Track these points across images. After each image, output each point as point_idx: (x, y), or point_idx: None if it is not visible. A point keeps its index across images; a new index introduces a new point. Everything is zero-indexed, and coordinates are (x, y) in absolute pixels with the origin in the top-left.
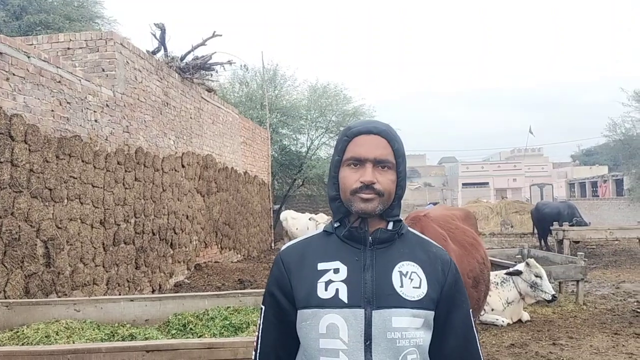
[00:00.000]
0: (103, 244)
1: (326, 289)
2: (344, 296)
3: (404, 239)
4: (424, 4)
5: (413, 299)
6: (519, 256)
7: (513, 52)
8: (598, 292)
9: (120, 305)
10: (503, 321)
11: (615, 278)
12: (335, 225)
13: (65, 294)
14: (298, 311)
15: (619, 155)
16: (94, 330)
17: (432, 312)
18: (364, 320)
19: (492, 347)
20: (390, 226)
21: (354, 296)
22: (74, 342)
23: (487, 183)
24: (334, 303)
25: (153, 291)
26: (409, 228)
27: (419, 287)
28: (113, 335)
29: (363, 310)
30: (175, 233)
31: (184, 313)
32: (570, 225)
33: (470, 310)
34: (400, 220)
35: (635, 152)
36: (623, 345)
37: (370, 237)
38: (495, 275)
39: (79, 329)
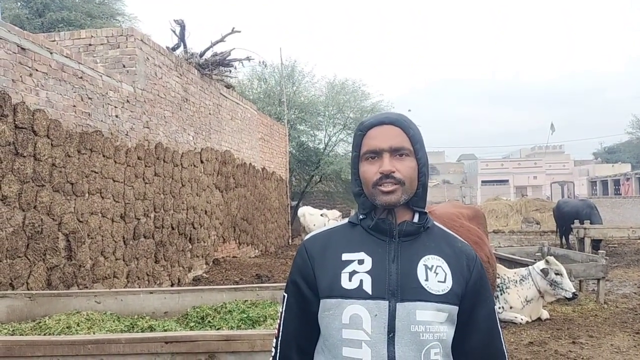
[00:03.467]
0: (123, 237)
1: (350, 280)
2: (368, 287)
3: (429, 233)
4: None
5: (438, 293)
6: (539, 254)
7: (534, 49)
8: (619, 291)
9: (139, 298)
10: (522, 319)
11: (637, 277)
12: (361, 217)
13: (86, 287)
14: (321, 300)
15: None
16: (114, 321)
17: (456, 307)
18: (387, 313)
19: (511, 345)
20: (416, 219)
21: (379, 288)
22: (94, 333)
23: (507, 181)
24: (358, 294)
25: (172, 285)
26: (435, 222)
27: (444, 282)
28: (133, 327)
29: (387, 302)
30: (194, 228)
31: (202, 306)
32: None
33: (495, 306)
34: (426, 213)
35: None
36: None
37: (396, 230)
38: (515, 273)
39: (99, 320)
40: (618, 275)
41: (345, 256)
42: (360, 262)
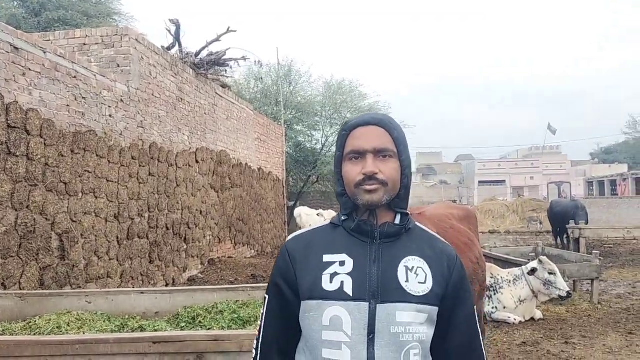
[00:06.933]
0: (117, 237)
1: (331, 281)
2: (349, 289)
3: (410, 234)
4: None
5: (418, 294)
6: (533, 254)
7: (530, 48)
8: (614, 292)
9: (130, 298)
10: (515, 319)
11: (632, 277)
12: (343, 218)
13: (80, 287)
14: (302, 302)
15: (639, 153)
16: (104, 322)
17: (436, 308)
18: (368, 314)
19: (504, 345)
20: (397, 220)
21: (359, 289)
22: (84, 333)
23: (504, 181)
24: (339, 296)
25: (167, 285)
26: (417, 223)
27: (424, 283)
28: (123, 327)
29: (367, 303)
30: (189, 228)
31: (193, 306)
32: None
33: (475, 307)
34: (408, 215)
35: None
36: (637, 345)
37: (377, 231)
38: (508, 273)
39: (89, 320)
40: (613, 276)
41: (327, 258)
42: (342, 263)
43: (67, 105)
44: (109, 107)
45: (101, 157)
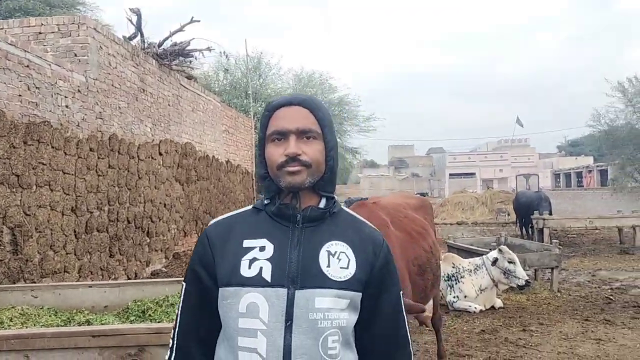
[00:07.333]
0: (75, 231)
1: (250, 267)
2: (267, 275)
3: (336, 218)
4: None
5: (339, 280)
6: (494, 244)
7: (497, 42)
8: (574, 280)
9: (78, 292)
10: (475, 308)
11: (592, 266)
12: (266, 202)
13: (34, 282)
14: (220, 289)
15: (603, 145)
16: (50, 316)
17: (359, 294)
18: (286, 300)
19: (463, 333)
20: (322, 204)
21: (278, 275)
22: (26, 328)
23: (474, 173)
24: (257, 282)
25: (129, 279)
26: (344, 207)
27: (347, 268)
28: (69, 322)
29: (286, 289)
30: (152, 221)
31: (143, 299)
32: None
33: (401, 292)
34: (333, 198)
35: (619, 143)
36: (592, 331)
37: (299, 215)
38: (469, 263)
39: (34, 315)
40: (574, 265)
41: (247, 243)
42: (262, 249)
43: (19, 95)
44: (65, 97)
45: (57, 148)
